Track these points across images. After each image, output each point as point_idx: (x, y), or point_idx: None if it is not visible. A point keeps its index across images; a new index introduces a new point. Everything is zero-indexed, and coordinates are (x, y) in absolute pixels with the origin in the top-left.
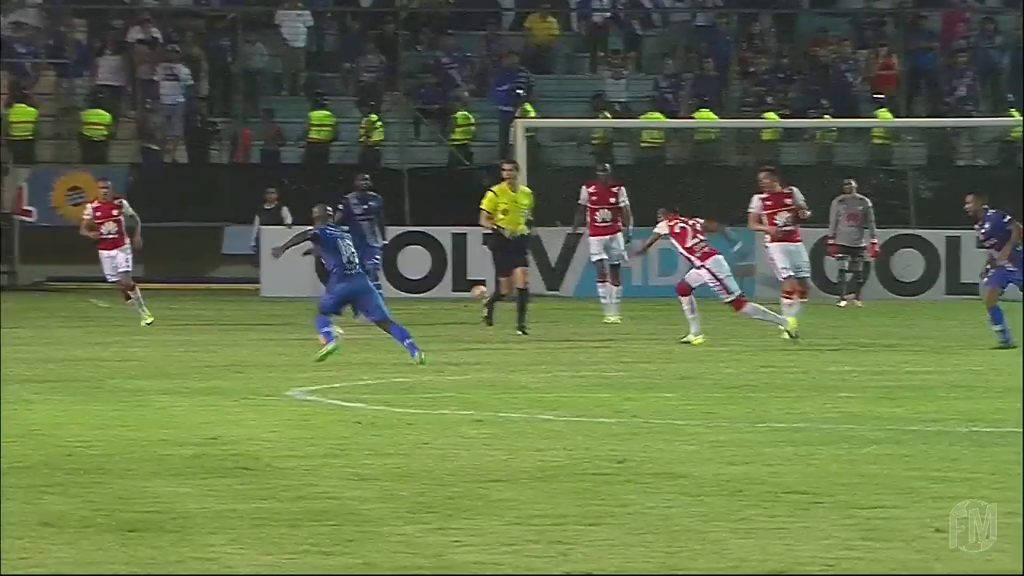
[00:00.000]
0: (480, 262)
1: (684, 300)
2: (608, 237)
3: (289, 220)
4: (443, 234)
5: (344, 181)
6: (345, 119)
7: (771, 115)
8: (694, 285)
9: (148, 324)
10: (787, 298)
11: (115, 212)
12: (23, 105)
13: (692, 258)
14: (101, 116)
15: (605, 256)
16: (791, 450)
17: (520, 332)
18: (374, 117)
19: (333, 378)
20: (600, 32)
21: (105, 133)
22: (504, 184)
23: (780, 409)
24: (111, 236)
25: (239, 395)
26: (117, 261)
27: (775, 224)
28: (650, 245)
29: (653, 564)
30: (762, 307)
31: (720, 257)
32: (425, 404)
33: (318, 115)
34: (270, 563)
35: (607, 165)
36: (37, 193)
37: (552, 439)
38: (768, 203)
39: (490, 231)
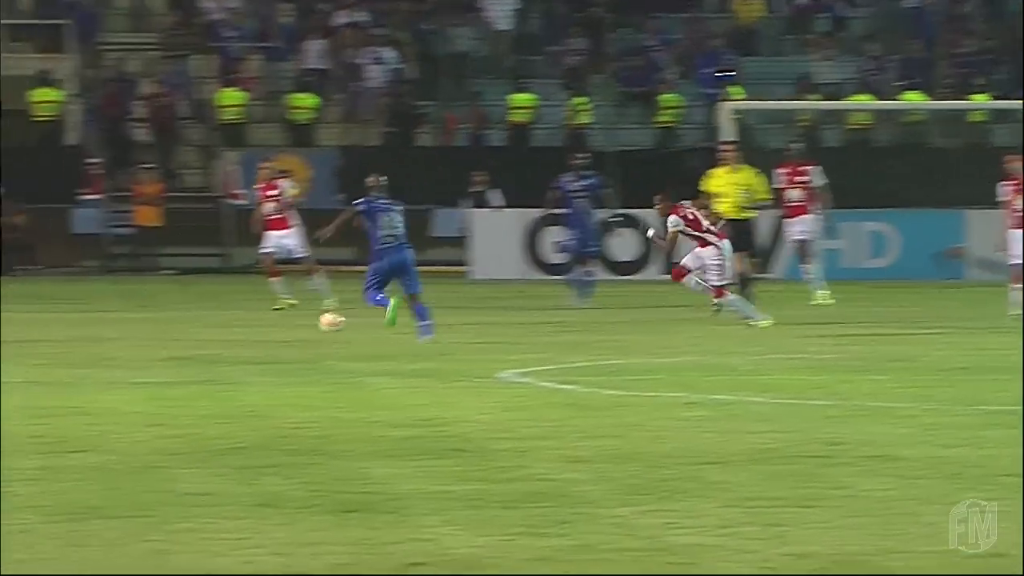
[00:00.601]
0: (688, 245)
1: (730, 297)
2: (798, 218)
3: (497, 202)
4: (651, 217)
5: (548, 164)
6: (550, 102)
7: (979, 97)
8: (693, 267)
9: (279, 309)
10: (1015, 284)
11: (274, 192)
12: (232, 89)
13: (711, 238)
14: (307, 100)
15: (803, 237)
16: (1007, 433)
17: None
18: (580, 99)
19: (545, 360)
20: (805, 13)
21: (311, 116)
22: (723, 167)
23: (995, 391)
24: (273, 216)
25: (451, 377)
26: (289, 247)
27: (1016, 210)
28: (673, 243)
29: (868, 546)
30: (739, 298)
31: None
32: (637, 386)
33: (519, 98)
34: (485, 544)
35: (799, 145)
36: (247, 176)
37: (765, 421)
38: (1014, 188)
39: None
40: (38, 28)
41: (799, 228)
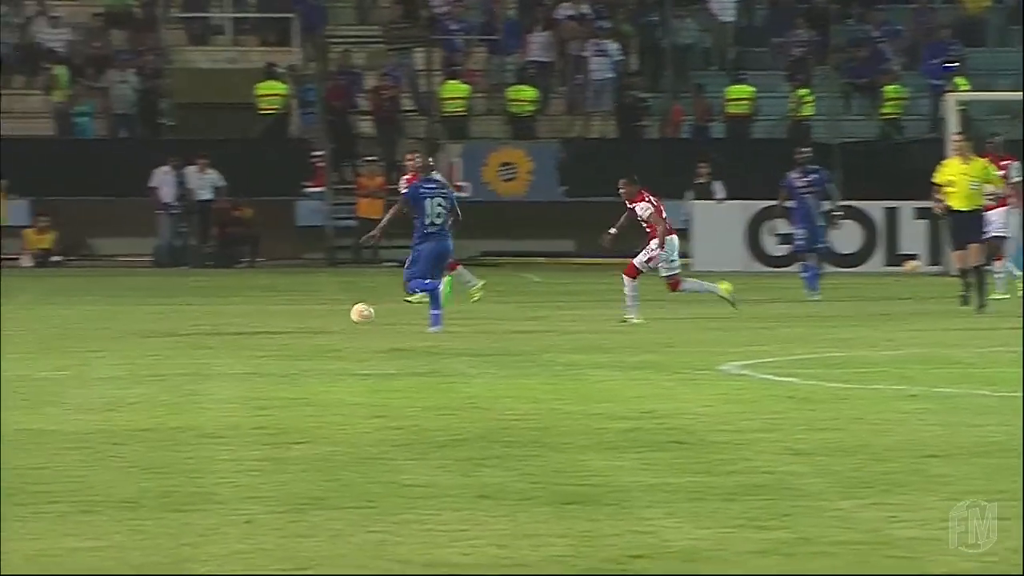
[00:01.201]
0: (912, 237)
1: (631, 283)
2: (996, 212)
3: (721, 195)
4: (875, 208)
5: (770, 156)
6: (773, 94)
7: None
8: (643, 262)
9: (477, 301)
10: None
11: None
12: (456, 81)
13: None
14: (527, 92)
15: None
16: None
17: (979, 309)
18: (804, 91)
19: (766, 352)
20: None
21: (531, 109)
22: (955, 157)
23: None
24: None
25: (672, 369)
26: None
27: None
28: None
29: None
30: (696, 280)
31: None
32: (858, 379)
33: (737, 90)
34: (705, 536)
35: (1000, 138)
36: (470, 169)
37: (988, 414)
38: None
39: (942, 206)
40: (264, 22)
41: (995, 222)
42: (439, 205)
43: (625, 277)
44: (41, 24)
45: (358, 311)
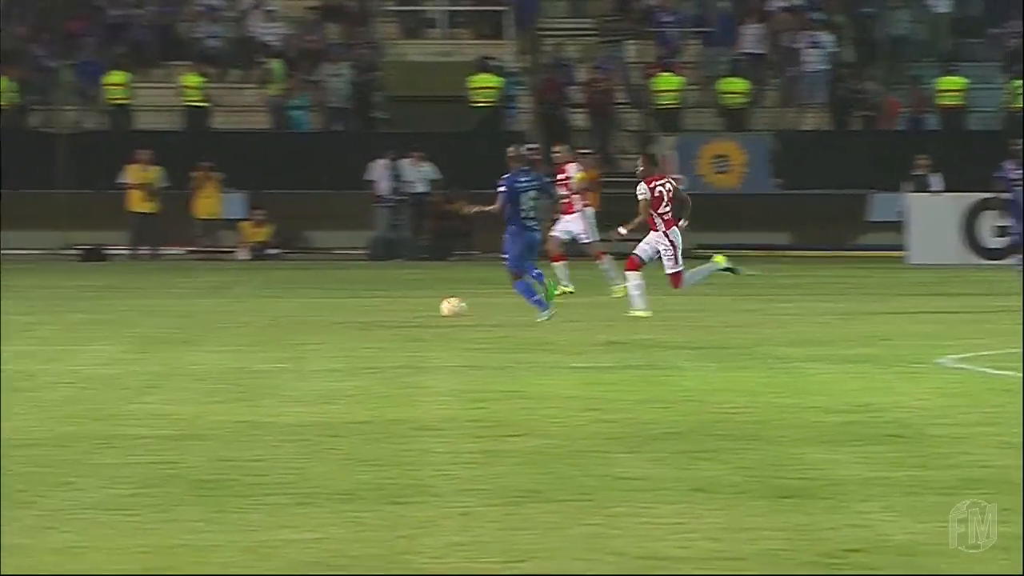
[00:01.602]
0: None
1: (635, 275)
2: None
3: (938, 187)
4: None
5: (982, 148)
6: (988, 85)
7: None
8: (647, 258)
9: (565, 293)
10: None
11: (563, 176)
12: (669, 74)
13: (659, 222)
14: (738, 84)
15: None
16: None
17: None
18: (1019, 82)
19: (984, 346)
20: None
21: (743, 101)
22: None
23: None
24: (563, 200)
25: (887, 363)
26: (575, 232)
27: None
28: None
29: None
30: (690, 270)
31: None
32: None
33: (947, 81)
34: (923, 531)
35: None
36: (683, 161)
37: None
38: None
39: None
40: (478, 15)
41: None
42: (532, 198)
43: (628, 272)
44: (257, 18)
45: (449, 306)
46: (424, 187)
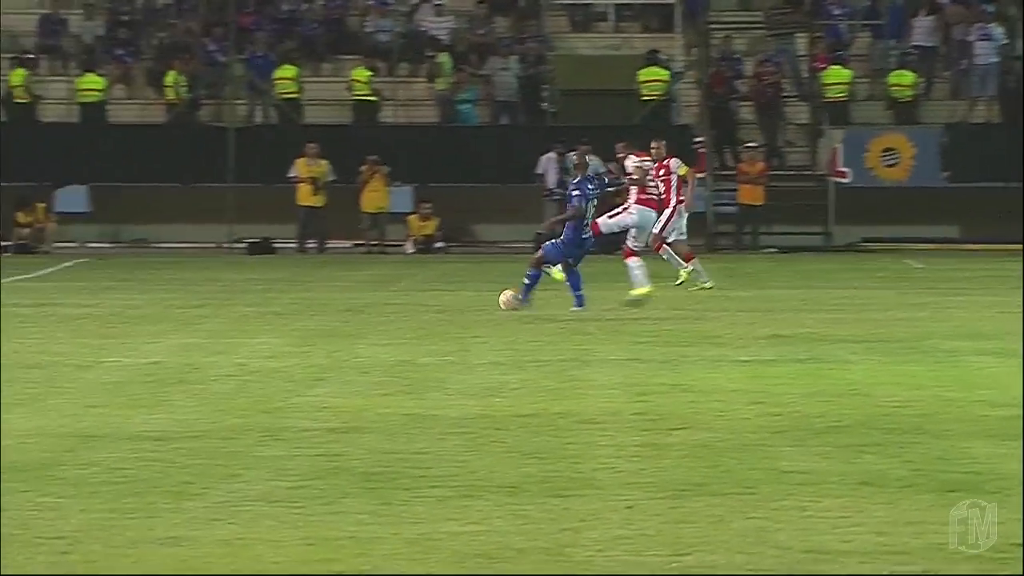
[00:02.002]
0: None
1: (636, 261)
2: None
3: None
4: None
5: None
6: None
7: None
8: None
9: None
10: None
11: (662, 172)
12: (838, 67)
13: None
14: (906, 77)
15: None
16: None
17: None
18: None
19: None
20: None
21: (912, 94)
22: None
23: None
24: (658, 196)
25: None
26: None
27: None
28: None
29: None
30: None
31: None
32: None
33: None
34: None
35: None
36: (851, 154)
37: None
38: None
39: None
40: (647, 8)
41: None
42: (594, 206)
43: (626, 260)
44: (426, 12)
45: (505, 298)
46: None
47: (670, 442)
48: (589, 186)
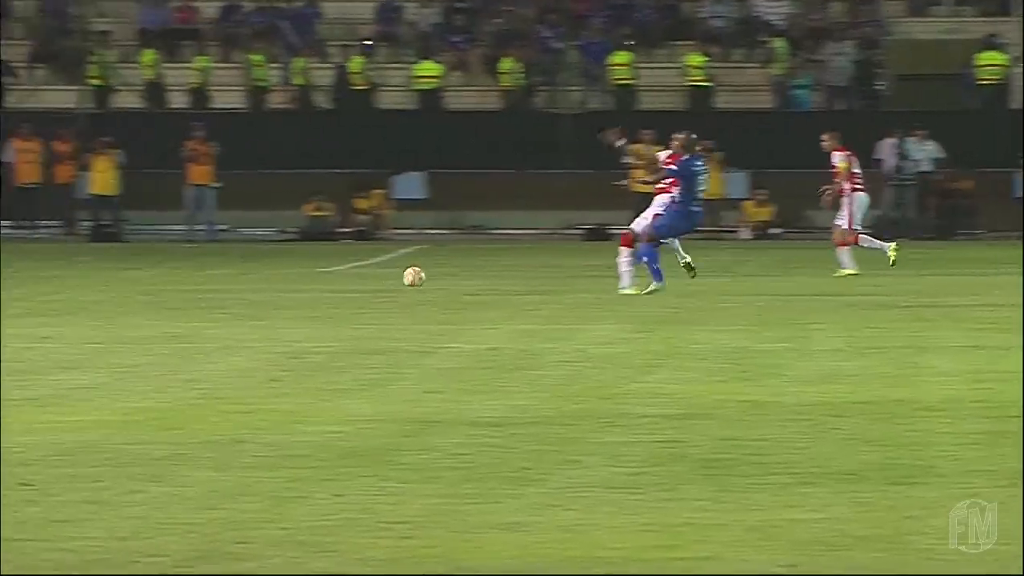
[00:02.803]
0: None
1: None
2: None
3: None
4: None
5: None
6: None
7: None
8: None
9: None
10: None
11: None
12: None
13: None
14: None
15: None
16: None
17: None
18: None
19: None
20: None
21: None
22: None
23: None
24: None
25: None
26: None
27: None
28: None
29: None
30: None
31: None
32: None
33: None
34: None
35: None
36: None
37: None
38: None
39: None
40: None
41: None
42: (703, 183)
43: (622, 248)
44: None
45: (412, 275)
46: (928, 166)
47: (1012, 429)
48: (697, 164)
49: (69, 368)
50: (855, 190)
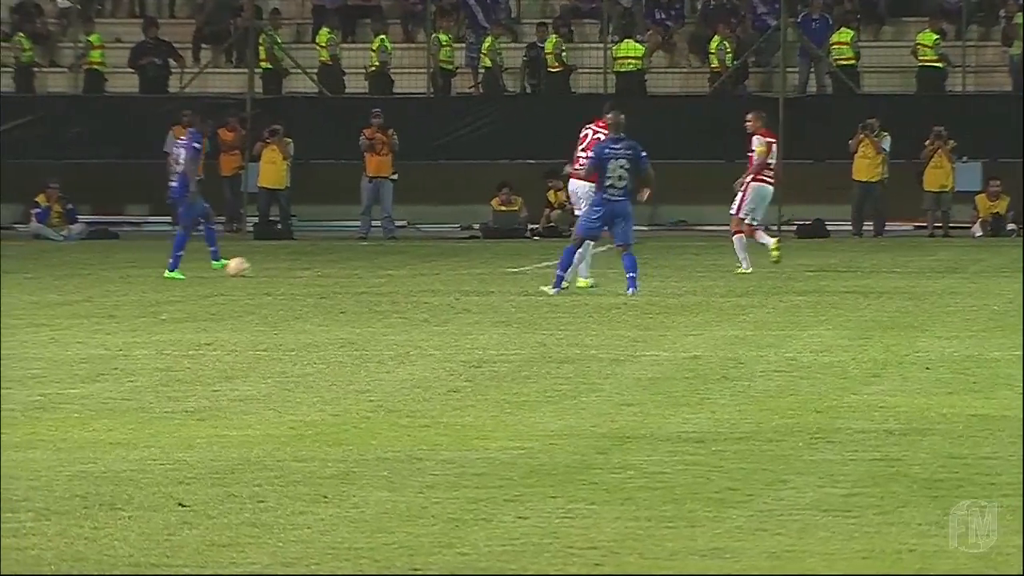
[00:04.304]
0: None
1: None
2: None
3: None
4: None
5: None
6: None
7: None
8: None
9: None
10: None
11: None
12: None
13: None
14: None
15: None
16: None
17: None
18: None
19: None
20: None
21: None
22: None
23: None
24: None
25: None
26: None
27: None
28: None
29: None
30: None
31: None
32: None
33: None
34: None
35: None
36: None
37: None
38: None
39: None
40: None
41: None
42: (622, 167)
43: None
44: None
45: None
46: None
47: None
48: (612, 147)
49: (230, 378)
50: (761, 181)
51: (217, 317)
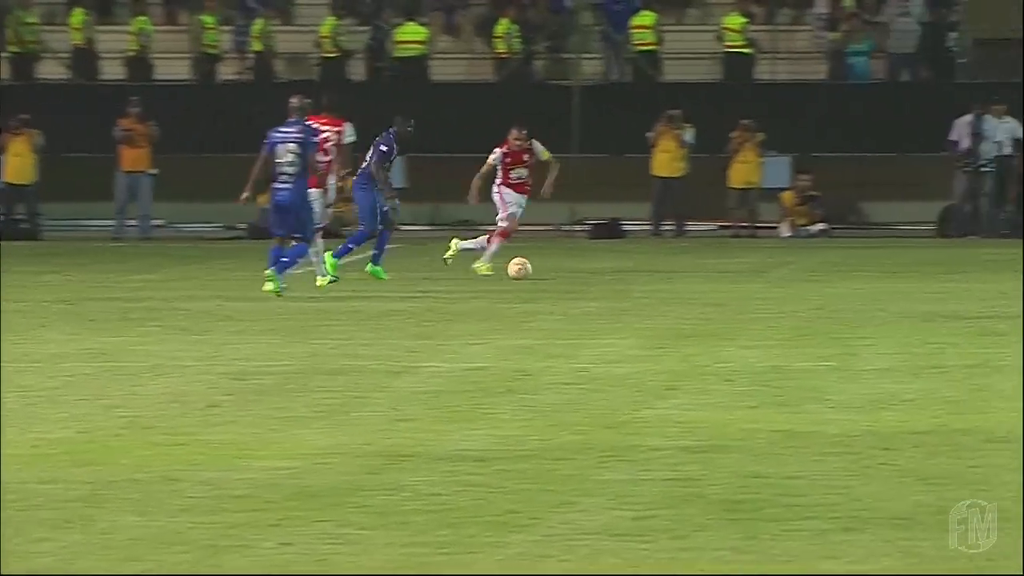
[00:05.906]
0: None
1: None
2: None
3: None
4: None
5: None
6: None
7: None
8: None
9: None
10: None
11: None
12: None
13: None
14: None
15: None
16: None
17: None
18: None
19: None
20: None
21: None
22: None
23: None
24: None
25: None
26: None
27: None
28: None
29: None
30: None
31: None
32: None
33: None
34: None
35: None
36: None
37: None
38: None
39: None
40: None
41: None
42: (290, 152)
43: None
44: None
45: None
46: (1010, 148)
47: None
48: (281, 130)
49: None
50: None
51: None
